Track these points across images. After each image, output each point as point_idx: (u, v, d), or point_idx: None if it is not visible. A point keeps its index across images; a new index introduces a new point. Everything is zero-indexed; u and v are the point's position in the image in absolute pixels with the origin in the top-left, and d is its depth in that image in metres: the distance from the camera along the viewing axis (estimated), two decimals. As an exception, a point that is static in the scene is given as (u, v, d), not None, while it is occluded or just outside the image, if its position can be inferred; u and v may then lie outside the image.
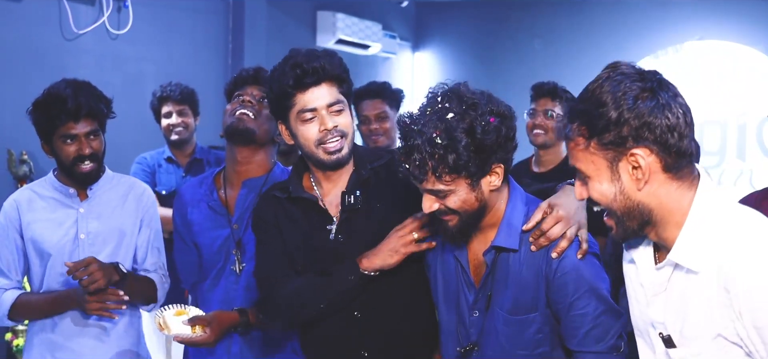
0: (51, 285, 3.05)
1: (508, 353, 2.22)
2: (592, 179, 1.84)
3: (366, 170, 2.53)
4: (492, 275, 2.22)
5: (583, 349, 2.15)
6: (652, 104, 1.74)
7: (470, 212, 2.18)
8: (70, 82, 2.99)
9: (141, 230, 3.16)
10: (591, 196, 1.86)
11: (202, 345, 2.79)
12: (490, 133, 2.09)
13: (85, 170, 3.00)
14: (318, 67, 2.44)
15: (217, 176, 3.08)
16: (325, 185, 2.56)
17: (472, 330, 2.27)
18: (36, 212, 3.06)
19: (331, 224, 2.53)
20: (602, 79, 1.80)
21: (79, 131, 2.95)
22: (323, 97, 2.45)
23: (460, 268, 2.30)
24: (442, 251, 2.36)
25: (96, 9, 5.72)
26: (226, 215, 2.97)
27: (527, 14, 8.31)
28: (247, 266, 2.92)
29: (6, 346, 4.88)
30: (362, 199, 2.49)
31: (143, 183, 3.33)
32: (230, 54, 6.74)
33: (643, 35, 7.79)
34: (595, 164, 1.82)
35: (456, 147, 2.07)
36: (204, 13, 6.61)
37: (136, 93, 5.62)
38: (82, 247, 3.04)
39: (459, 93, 2.13)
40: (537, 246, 2.17)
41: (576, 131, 1.82)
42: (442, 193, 2.14)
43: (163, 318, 2.79)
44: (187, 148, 4.88)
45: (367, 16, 8.00)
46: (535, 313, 2.19)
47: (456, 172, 2.10)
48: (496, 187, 2.18)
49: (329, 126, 2.44)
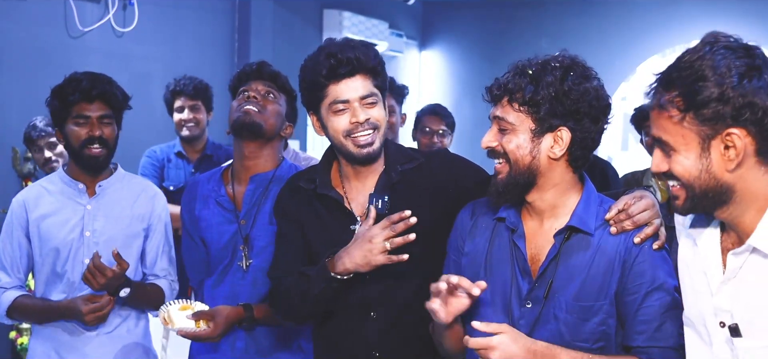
0: (54, 281, 3.04)
1: (567, 344, 2.12)
2: (678, 153, 1.76)
3: (396, 172, 2.47)
4: (557, 259, 2.15)
5: (652, 344, 2.08)
6: (759, 84, 1.68)
7: (520, 168, 2.13)
8: (91, 72, 3.05)
9: (151, 234, 3.15)
10: (672, 169, 1.79)
11: (206, 339, 2.78)
12: (576, 91, 2.08)
13: (95, 153, 2.99)
14: (352, 58, 2.39)
15: (225, 171, 3.07)
16: (353, 181, 2.52)
17: (522, 321, 2.16)
18: (43, 208, 3.05)
19: (355, 224, 2.47)
20: (704, 50, 1.72)
21: (92, 113, 2.97)
22: (356, 89, 2.41)
23: (516, 255, 2.21)
24: (492, 239, 2.27)
25: (101, 7, 5.72)
26: (234, 210, 2.96)
27: (535, 13, 8.28)
28: (254, 262, 2.90)
29: (10, 345, 4.88)
30: (389, 204, 2.43)
31: (156, 187, 3.31)
32: (236, 52, 6.72)
33: (650, 34, 7.76)
34: (684, 138, 1.74)
35: (539, 82, 2.08)
36: (210, 11, 6.60)
37: (142, 91, 5.60)
38: (87, 245, 3.02)
39: (574, 59, 2.15)
40: (619, 229, 2.12)
41: (670, 102, 1.75)
42: (505, 125, 2.13)
43: (167, 313, 2.79)
44: (198, 144, 4.88)
45: (374, 15, 7.98)
46: (604, 301, 2.12)
47: (527, 105, 2.10)
48: (556, 157, 2.12)
49: (361, 119, 2.40)
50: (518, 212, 2.24)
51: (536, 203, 2.19)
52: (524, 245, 2.20)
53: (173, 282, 3.18)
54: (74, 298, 2.93)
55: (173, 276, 3.19)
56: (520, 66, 2.14)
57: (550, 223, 2.19)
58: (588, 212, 2.16)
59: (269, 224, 2.89)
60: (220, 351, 2.95)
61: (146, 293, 3.08)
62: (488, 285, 2.18)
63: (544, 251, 2.18)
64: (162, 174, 4.75)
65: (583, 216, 2.15)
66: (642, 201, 2.15)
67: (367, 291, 2.45)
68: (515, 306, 2.19)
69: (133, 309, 3.12)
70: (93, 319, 2.89)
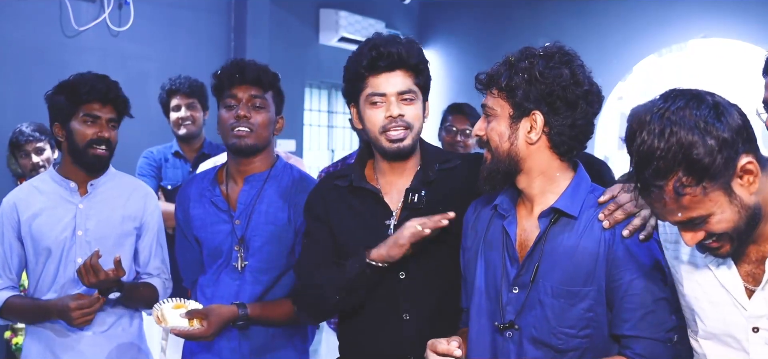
0: (47, 281, 3.03)
1: (553, 330, 2.14)
2: (715, 215, 1.79)
3: (433, 171, 2.50)
4: (543, 242, 2.16)
5: (637, 334, 2.08)
6: (731, 116, 1.76)
7: (500, 154, 2.15)
8: (101, 74, 3.07)
9: (143, 233, 3.15)
10: (713, 231, 1.81)
11: (200, 338, 2.77)
12: (549, 75, 2.10)
13: (99, 154, 3.02)
14: (394, 52, 2.42)
15: (219, 171, 3.06)
16: (388, 176, 2.54)
17: (509, 307, 2.18)
18: (35, 207, 3.04)
19: (389, 219, 2.49)
20: (656, 121, 1.76)
21: (103, 114, 3.00)
22: (395, 83, 2.44)
23: (505, 241, 2.23)
24: (487, 228, 2.29)
25: (97, 6, 5.71)
26: (228, 210, 2.95)
27: (532, 12, 8.29)
28: (249, 262, 2.90)
29: (5, 345, 4.86)
30: (425, 199, 2.45)
31: (147, 186, 3.31)
32: (232, 51, 6.71)
33: (647, 34, 7.78)
34: (713, 200, 1.77)
35: (514, 68, 2.12)
36: (206, 10, 6.59)
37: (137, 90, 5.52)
38: (80, 244, 3.02)
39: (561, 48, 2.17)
40: (611, 221, 2.12)
41: (683, 186, 1.76)
42: (489, 112, 2.17)
43: (161, 311, 2.78)
44: (195, 142, 4.86)
45: (371, 14, 7.98)
46: (591, 287, 2.12)
47: (504, 90, 2.13)
48: (532, 141, 2.13)
49: (395, 113, 2.43)
50: (513, 201, 2.25)
51: (527, 190, 2.21)
52: (514, 231, 2.21)
53: (167, 280, 3.18)
54: (63, 297, 2.93)
55: (166, 274, 3.19)
56: (506, 56, 2.19)
57: (540, 209, 2.20)
58: (575, 197, 2.17)
59: (265, 225, 2.90)
60: (214, 351, 2.94)
61: (138, 293, 3.08)
62: (484, 273, 2.24)
63: (533, 237, 2.19)
64: (159, 174, 4.73)
65: (568, 200, 2.16)
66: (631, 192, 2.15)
67: (400, 291, 2.46)
68: (504, 292, 2.20)
69: (127, 309, 3.12)
70: (80, 317, 2.87)
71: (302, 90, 7.68)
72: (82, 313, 2.88)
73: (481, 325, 2.25)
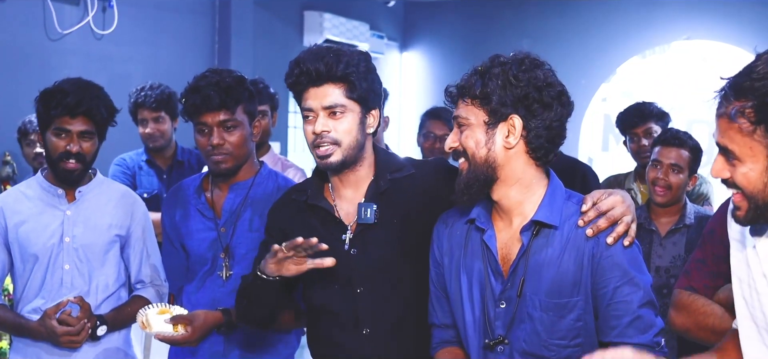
0: (35, 287, 3.01)
1: (545, 342, 2.14)
2: (743, 163, 1.72)
3: (385, 180, 2.43)
4: (526, 256, 2.15)
5: (624, 340, 2.07)
6: None
7: (477, 162, 2.14)
8: (82, 81, 2.98)
9: (132, 241, 3.12)
10: (734, 179, 1.75)
11: (184, 344, 2.76)
12: (523, 77, 2.10)
13: (68, 168, 2.95)
14: (312, 69, 2.33)
15: (205, 178, 3.05)
16: (341, 190, 2.48)
17: (498, 322, 2.18)
18: (22, 214, 3.02)
19: (345, 234, 2.44)
20: None
21: (72, 127, 2.92)
22: (321, 98, 2.35)
23: (487, 255, 2.21)
24: (466, 244, 2.27)
25: (80, 9, 5.69)
26: (214, 218, 2.95)
27: (516, 14, 8.32)
28: (235, 270, 2.90)
29: (-9, 350, 4.84)
30: (378, 213, 2.40)
31: (135, 194, 3.28)
32: (216, 54, 6.70)
33: (630, 35, 7.82)
34: (752, 150, 1.70)
35: (486, 74, 2.12)
36: (190, 12, 6.57)
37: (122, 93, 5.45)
38: (67, 251, 3.00)
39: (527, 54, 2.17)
40: (594, 230, 2.12)
41: (740, 112, 1.69)
42: (462, 122, 2.16)
43: (145, 317, 2.77)
44: (167, 151, 4.74)
45: (355, 16, 7.99)
46: (578, 297, 2.13)
47: (478, 99, 2.12)
48: (511, 146, 2.13)
49: (318, 130, 2.35)
50: (488, 214, 2.24)
51: (503, 201, 2.19)
52: (495, 245, 2.20)
53: (160, 286, 3.15)
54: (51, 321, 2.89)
55: (159, 280, 3.15)
56: (474, 67, 2.19)
57: (519, 221, 2.19)
58: (553, 206, 2.17)
59: (249, 232, 2.89)
60: (198, 356, 2.94)
61: (126, 314, 3.07)
62: (467, 288, 2.23)
63: (515, 250, 2.18)
64: (134, 182, 4.65)
65: (547, 211, 2.16)
66: (611, 197, 2.16)
67: (358, 306, 2.43)
68: (490, 307, 2.20)
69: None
70: (67, 342, 2.87)
71: (287, 92, 7.61)
72: (70, 339, 2.87)
73: (471, 341, 2.26)
